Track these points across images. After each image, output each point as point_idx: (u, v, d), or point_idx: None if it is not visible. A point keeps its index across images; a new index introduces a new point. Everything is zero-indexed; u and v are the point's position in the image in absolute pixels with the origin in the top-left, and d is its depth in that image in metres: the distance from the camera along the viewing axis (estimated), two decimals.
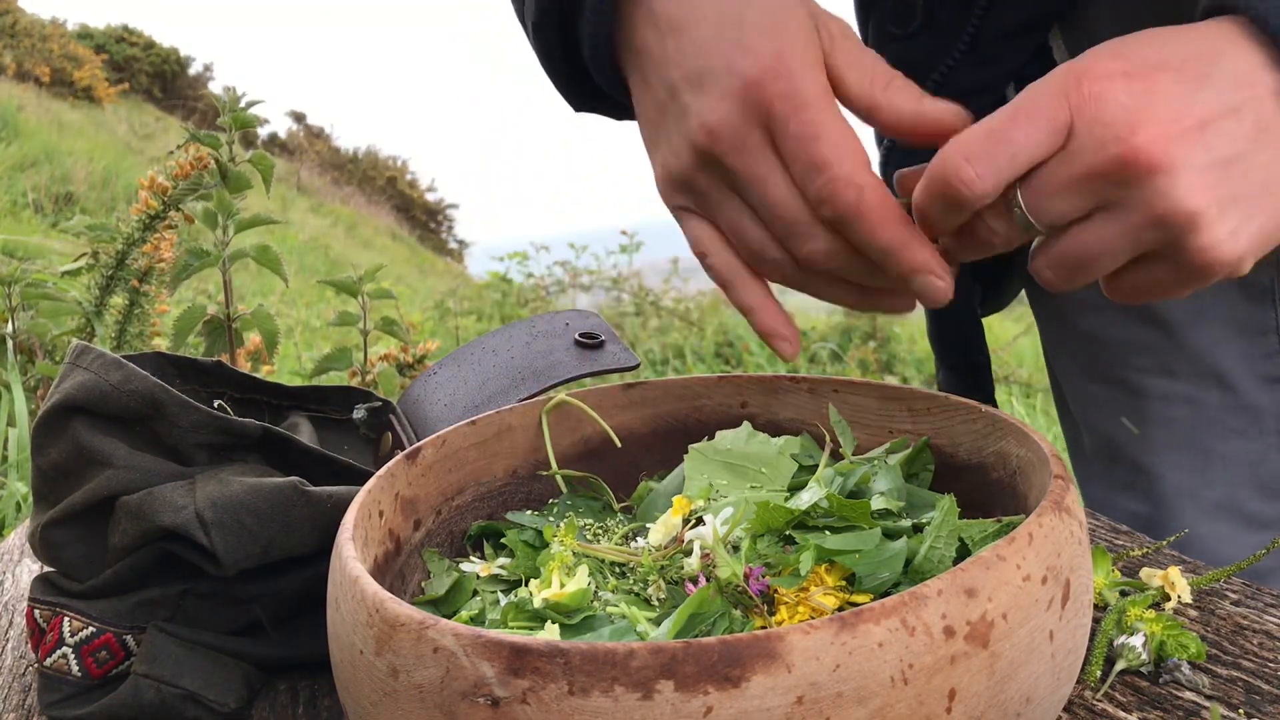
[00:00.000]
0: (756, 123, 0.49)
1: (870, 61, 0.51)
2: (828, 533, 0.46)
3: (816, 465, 0.56)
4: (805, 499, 0.48)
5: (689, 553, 0.48)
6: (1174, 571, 0.58)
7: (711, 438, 0.58)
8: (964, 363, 0.88)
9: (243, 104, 1.49)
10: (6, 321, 1.84)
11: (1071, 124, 0.45)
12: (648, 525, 0.54)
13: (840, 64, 0.51)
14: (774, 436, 0.59)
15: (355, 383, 1.71)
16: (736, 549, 0.47)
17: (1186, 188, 0.44)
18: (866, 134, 0.90)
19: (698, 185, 0.53)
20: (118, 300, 1.74)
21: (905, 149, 0.83)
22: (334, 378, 1.72)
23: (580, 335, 0.71)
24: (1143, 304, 0.79)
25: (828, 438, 0.57)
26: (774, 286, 0.55)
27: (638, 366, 0.70)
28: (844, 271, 0.51)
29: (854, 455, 0.57)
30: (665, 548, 0.49)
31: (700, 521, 0.50)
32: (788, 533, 0.47)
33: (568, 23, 0.60)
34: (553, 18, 0.59)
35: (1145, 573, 0.59)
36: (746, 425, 0.58)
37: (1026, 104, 0.45)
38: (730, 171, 0.51)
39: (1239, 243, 0.46)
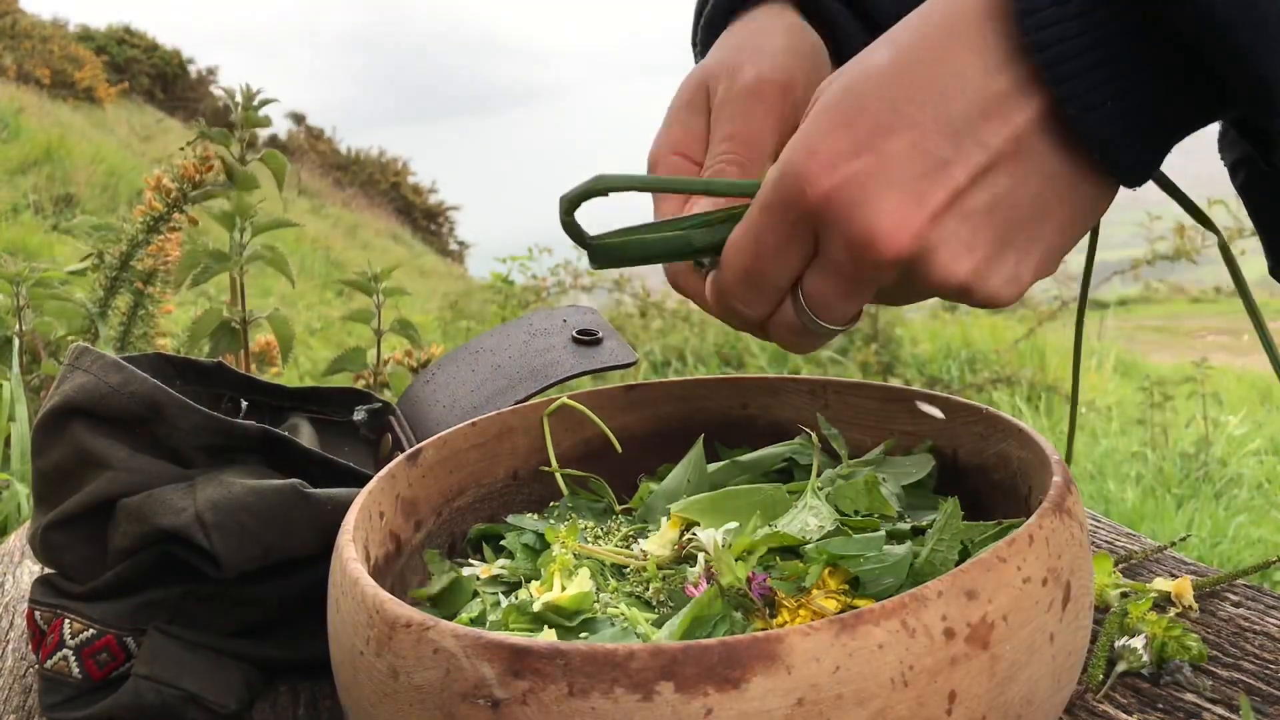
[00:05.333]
0: None
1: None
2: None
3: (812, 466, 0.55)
4: (813, 524, 0.47)
5: (692, 560, 0.47)
6: (1185, 582, 0.57)
7: (712, 438, 0.58)
8: None
9: (255, 103, 1.48)
10: (14, 322, 1.83)
11: (816, 236, 0.42)
12: (649, 526, 0.54)
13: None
14: (775, 437, 0.59)
15: (367, 384, 1.71)
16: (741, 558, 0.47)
17: (946, 265, 0.41)
18: None
19: None
20: (122, 301, 1.74)
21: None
22: (345, 378, 1.72)
23: (578, 332, 0.71)
24: None
25: (816, 447, 0.56)
26: None
27: (636, 362, 0.70)
28: None
29: (854, 457, 0.57)
30: (668, 554, 0.49)
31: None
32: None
33: None
34: None
35: (1156, 582, 0.58)
36: (697, 452, 0.57)
37: (764, 231, 0.43)
38: None
39: (1022, 281, 0.43)
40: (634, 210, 0.53)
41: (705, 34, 0.58)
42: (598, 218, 0.47)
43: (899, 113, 0.39)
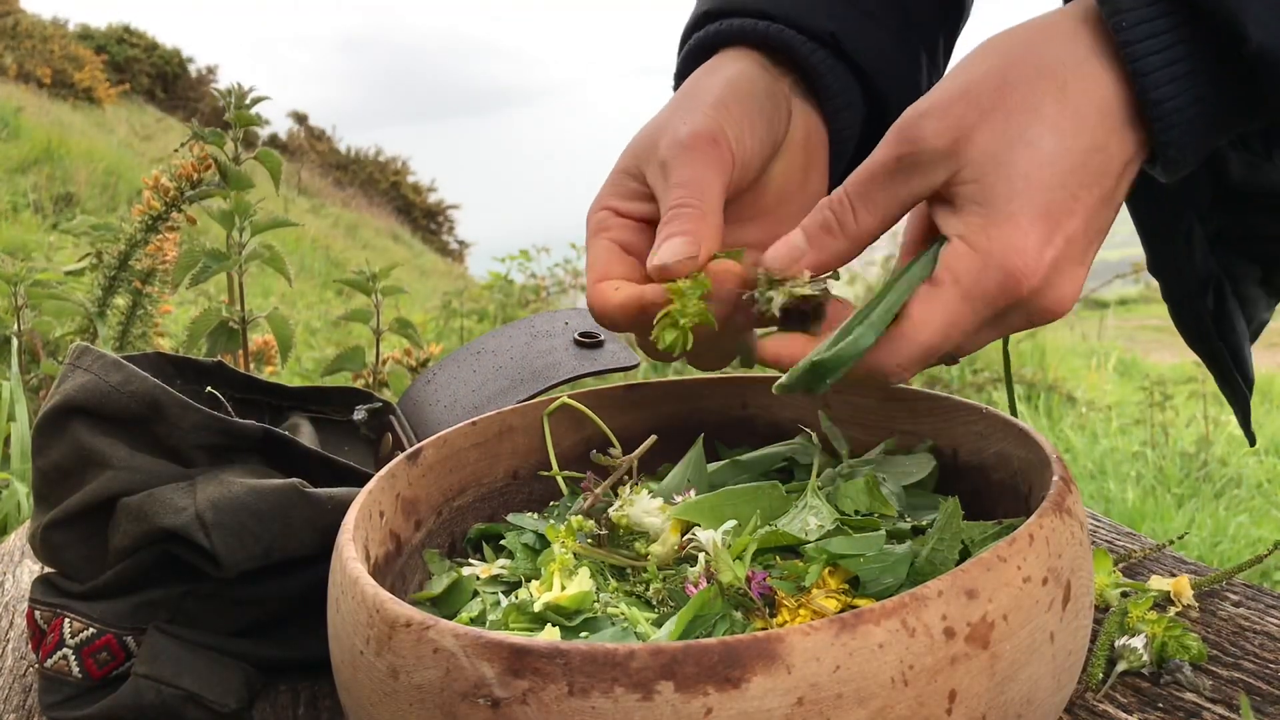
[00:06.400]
0: None
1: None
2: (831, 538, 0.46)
3: (811, 465, 0.55)
4: (813, 524, 0.47)
5: (693, 560, 0.48)
6: (1184, 581, 0.57)
7: (712, 438, 0.58)
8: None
9: (248, 101, 1.48)
10: (13, 321, 1.83)
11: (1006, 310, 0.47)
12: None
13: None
14: (775, 437, 0.59)
15: (366, 383, 1.71)
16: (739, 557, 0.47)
17: (1072, 300, 0.48)
18: None
19: None
20: (121, 301, 1.74)
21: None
22: (344, 377, 1.72)
23: (579, 334, 0.71)
24: None
25: (816, 446, 0.57)
26: None
27: (637, 365, 0.70)
28: None
29: (854, 456, 0.57)
30: (668, 552, 0.49)
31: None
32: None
33: None
34: None
35: (1155, 580, 0.58)
36: (696, 451, 0.57)
37: (964, 317, 0.46)
38: None
39: (1076, 288, 0.48)
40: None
41: (679, 76, 0.63)
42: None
43: (1076, 198, 0.46)
